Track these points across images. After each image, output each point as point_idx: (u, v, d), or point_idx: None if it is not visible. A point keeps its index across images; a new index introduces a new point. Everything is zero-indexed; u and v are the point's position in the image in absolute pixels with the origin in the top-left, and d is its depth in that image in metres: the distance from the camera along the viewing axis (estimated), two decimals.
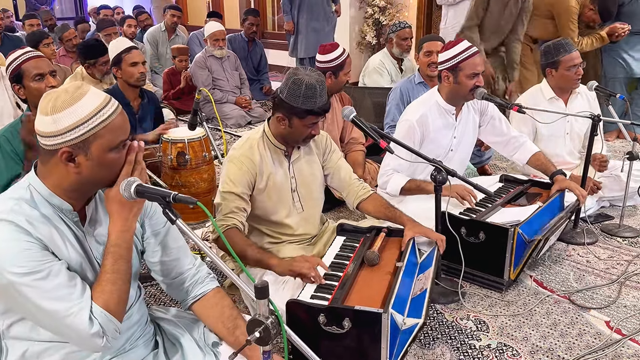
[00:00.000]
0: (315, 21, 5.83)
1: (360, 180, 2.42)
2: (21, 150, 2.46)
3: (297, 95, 2.07)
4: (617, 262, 2.77)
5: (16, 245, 1.26)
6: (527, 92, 3.42)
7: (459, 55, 2.61)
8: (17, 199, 1.33)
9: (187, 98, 5.73)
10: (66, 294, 1.29)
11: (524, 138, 2.98)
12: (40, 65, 2.46)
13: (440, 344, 2.17)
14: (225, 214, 2.15)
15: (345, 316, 1.73)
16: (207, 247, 1.33)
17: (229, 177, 2.17)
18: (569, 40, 3.17)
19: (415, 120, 2.70)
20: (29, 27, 6.42)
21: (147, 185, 1.36)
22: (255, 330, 1.22)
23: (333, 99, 3.49)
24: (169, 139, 3.27)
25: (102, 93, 1.36)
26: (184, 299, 1.64)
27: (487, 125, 2.94)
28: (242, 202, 2.17)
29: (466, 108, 2.85)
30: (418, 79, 3.72)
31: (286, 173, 2.27)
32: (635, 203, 3.36)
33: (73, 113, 1.30)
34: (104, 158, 1.34)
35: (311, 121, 2.13)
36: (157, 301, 2.50)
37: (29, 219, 1.30)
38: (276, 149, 2.25)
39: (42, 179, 1.36)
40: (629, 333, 2.21)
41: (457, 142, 2.85)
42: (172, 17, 6.76)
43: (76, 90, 1.33)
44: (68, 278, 1.32)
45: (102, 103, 1.33)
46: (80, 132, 1.30)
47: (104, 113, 1.32)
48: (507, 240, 2.37)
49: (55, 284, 1.29)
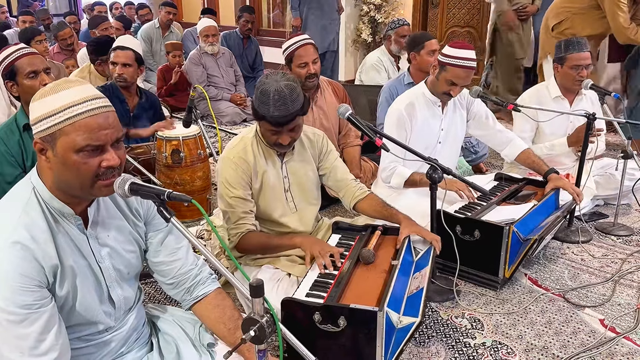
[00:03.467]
0: (325, 18, 5.78)
1: (357, 181, 2.41)
2: (18, 151, 2.43)
3: (256, 97, 2.06)
4: (612, 261, 2.77)
5: (12, 279, 1.22)
6: (535, 87, 3.43)
7: (455, 59, 2.62)
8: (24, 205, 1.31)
9: (182, 95, 5.71)
10: (26, 347, 1.23)
11: (511, 134, 3.02)
12: (35, 62, 2.44)
13: (435, 342, 2.17)
14: (236, 222, 2.17)
15: (340, 314, 1.73)
16: (201, 245, 1.32)
17: (227, 180, 2.17)
18: (583, 40, 3.17)
19: (403, 108, 2.75)
20: (22, 23, 6.38)
21: (142, 183, 1.34)
22: (250, 329, 1.21)
23: (326, 92, 3.47)
24: (164, 136, 3.25)
25: (90, 92, 1.30)
26: (184, 299, 1.63)
27: (473, 120, 2.99)
28: (247, 204, 2.18)
29: (452, 102, 2.89)
30: (407, 80, 3.64)
31: (279, 172, 2.26)
32: (630, 202, 3.37)
33: (44, 104, 1.27)
34: (67, 158, 1.27)
35: (267, 127, 2.08)
36: (153, 300, 2.49)
37: (33, 235, 1.27)
38: (268, 149, 2.24)
39: (40, 176, 1.35)
40: (623, 331, 2.21)
41: (445, 135, 2.88)
42: (167, 14, 6.73)
43: (63, 83, 1.30)
44: (41, 330, 1.25)
45: (78, 100, 1.27)
46: (47, 124, 1.26)
47: (74, 110, 1.26)
48: (502, 238, 2.37)
49: (23, 332, 1.23)
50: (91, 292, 1.41)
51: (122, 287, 1.50)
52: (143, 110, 3.51)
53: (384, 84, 3.89)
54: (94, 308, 1.42)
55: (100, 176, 1.30)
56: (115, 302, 1.48)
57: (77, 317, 1.39)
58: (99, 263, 1.43)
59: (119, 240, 1.49)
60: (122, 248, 1.49)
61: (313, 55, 3.20)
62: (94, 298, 1.42)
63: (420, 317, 1.94)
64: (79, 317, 1.40)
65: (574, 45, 3.13)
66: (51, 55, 5.44)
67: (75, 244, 1.37)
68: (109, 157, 1.30)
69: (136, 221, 1.53)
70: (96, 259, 1.42)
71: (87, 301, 1.39)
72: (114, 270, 1.47)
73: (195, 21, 6.96)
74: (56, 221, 1.34)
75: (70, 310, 1.37)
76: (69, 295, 1.36)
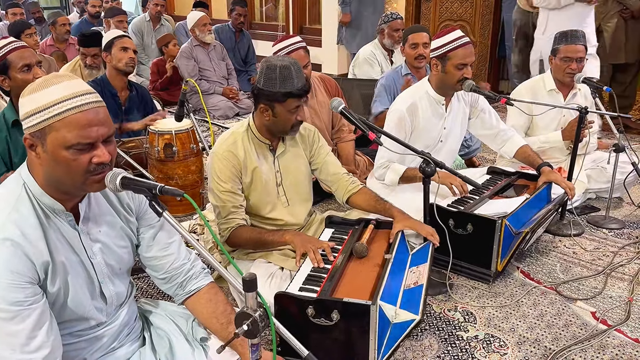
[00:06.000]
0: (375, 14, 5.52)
1: (350, 175, 2.41)
2: (4, 148, 2.41)
3: (273, 80, 2.06)
4: (603, 254, 2.79)
5: (3, 275, 1.22)
6: (532, 79, 3.43)
7: (449, 44, 2.61)
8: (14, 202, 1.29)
9: (174, 89, 5.68)
10: (18, 344, 1.23)
11: (511, 131, 2.99)
12: (27, 55, 2.41)
13: (428, 335, 2.18)
14: (226, 217, 2.17)
15: (333, 308, 1.73)
16: (194, 240, 1.31)
17: (217, 174, 2.17)
18: (578, 33, 3.16)
19: (405, 109, 2.70)
20: (12, 16, 6.31)
21: (133, 177, 1.32)
22: (243, 323, 1.21)
23: (318, 91, 3.46)
24: (156, 130, 3.23)
25: (80, 87, 1.28)
26: (177, 294, 1.63)
27: (477, 118, 2.94)
28: (237, 198, 2.18)
29: (456, 99, 2.85)
30: (405, 71, 3.72)
31: (271, 167, 2.26)
32: (621, 195, 3.39)
33: (34, 100, 1.26)
34: (58, 154, 1.26)
35: (293, 105, 2.10)
36: (145, 294, 2.48)
37: (24, 232, 1.26)
38: (260, 144, 2.24)
39: (31, 171, 1.33)
40: (615, 324, 2.23)
41: (447, 133, 2.85)
42: (155, 6, 6.67)
43: (52, 78, 1.28)
44: (32, 327, 1.24)
45: (67, 95, 1.25)
46: (37, 120, 1.25)
47: (63, 105, 1.24)
48: (494, 231, 2.38)
49: (14, 329, 1.23)
50: (83, 288, 1.40)
51: (113, 282, 1.49)
52: (135, 103, 3.49)
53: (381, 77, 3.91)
54: (86, 304, 1.41)
55: (91, 172, 1.29)
56: (107, 297, 1.47)
57: (69, 313, 1.39)
58: (91, 259, 1.42)
59: (111, 236, 1.48)
60: (114, 243, 1.48)
61: (304, 60, 3.06)
62: (86, 294, 1.41)
63: (420, 316, 1.95)
64: (71, 313, 1.39)
65: (567, 37, 3.14)
66: (42, 48, 5.40)
67: (66, 240, 1.36)
68: (99, 153, 1.28)
69: (128, 216, 1.52)
70: (88, 255, 1.41)
71: (78, 297, 1.38)
72: (106, 266, 1.46)
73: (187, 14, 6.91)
74: (47, 217, 1.33)
75: (62, 307, 1.37)
76: (60, 291, 1.35)
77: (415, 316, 1.95)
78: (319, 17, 7.33)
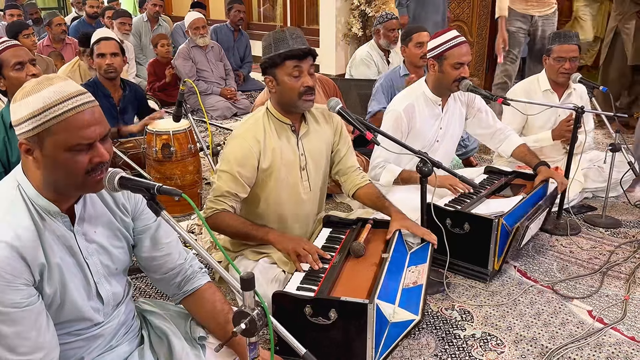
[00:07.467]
0: (438, 14, 5.33)
1: (360, 169, 2.43)
2: (2, 149, 2.40)
3: (269, 46, 2.06)
4: (600, 253, 2.80)
5: None
6: (527, 79, 3.44)
7: (445, 43, 2.62)
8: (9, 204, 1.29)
9: (172, 89, 5.67)
10: (14, 345, 1.24)
11: (509, 131, 3.00)
12: (20, 53, 2.41)
13: (425, 333, 2.18)
14: (216, 196, 2.13)
15: (331, 307, 1.74)
16: (192, 239, 1.32)
17: (228, 155, 2.12)
18: (571, 33, 3.18)
19: (402, 110, 2.71)
20: (10, 17, 6.30)
21: (131, 177, 1.33)
22: (241, 322, 1.21)
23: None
24: (154, 130, 3.23)
25: (73, 88, 1.28)
26: (175, 293, 1.63)
27: (474, 117, 2.96)
28: (235, 185, 2.11)
29: (452, 99, 2.86)
30: (403, 71, 3.72)
31: (295, 150, 2.20)
32: (618, 194, 3.39)
33: (27, 104, 1.24)
34: (59, 157, 1.25)
35: (292, 66, 2.03)
36: (144, 294, 2.48)
37: (18, 234, 1.25)
38: (281, 124, 2.18)
39: (26, 174, 1.33)
40: (611, 322, 2.24)
41: (443, 133, 2.86)
42: (153, 6, 6.68)
43: (44, 81, 1.27)
44: (28, 328, 1.25)
45: (61, 98, 1.24)
46: (33, 124, 1.24)
47: (59, 108, 1.23)
48: (491, 231, 2.39)
49: (10, 331, 1.23)
50: (79, 289, 1.40)
51: (110, 282, 1.49)
52: (129, 102, 3.48)
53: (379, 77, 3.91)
54: (82, 304, 1.41)
55: (90, 172, 1.30)
56: (103, 298, 1.47)
57: (66, 313, 1.39)
58: (87, 259, 1.42)
59: (106, 236, 1.48)
60: (110, 244, 1.48)
61: None
62: (82, 295, 1.41)
63: (420, 316, 1.95)
64: (68, 314, 1.39)
65: (560, 36, 3.15)
66: (40, 49, 5.39)
67: (62, 242, 1.36)
68: (98, 152, 1.29)
69: (123, 217, 1.52)
70: (83, 256, 1.41)
71: (75, 298, 1.38)
72: (102, 266, 1.46)
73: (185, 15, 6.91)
74: (42, 219, 1.32)
75: (59, 308, 1.37)
76: (56, 292, 1.35)
77: (414, 316, 1.96)
78: (317, 17, 7.34)
